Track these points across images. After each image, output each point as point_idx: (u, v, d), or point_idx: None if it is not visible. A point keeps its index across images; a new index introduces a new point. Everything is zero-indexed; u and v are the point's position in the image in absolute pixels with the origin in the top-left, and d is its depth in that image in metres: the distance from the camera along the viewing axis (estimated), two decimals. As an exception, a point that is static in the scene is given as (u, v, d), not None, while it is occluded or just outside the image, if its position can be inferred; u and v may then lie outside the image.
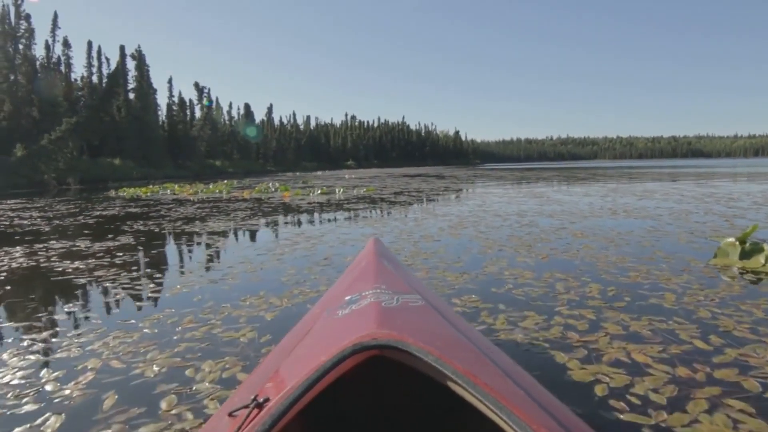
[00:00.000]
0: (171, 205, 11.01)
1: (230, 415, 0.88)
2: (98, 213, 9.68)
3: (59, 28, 43.92)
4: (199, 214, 8.73)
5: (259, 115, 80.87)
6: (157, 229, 6.78)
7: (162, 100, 59.54)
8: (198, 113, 64.28)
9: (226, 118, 72.74)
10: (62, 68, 43.65)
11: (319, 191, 13.80)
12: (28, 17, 40.75)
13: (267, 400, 0.83)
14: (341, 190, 14.47)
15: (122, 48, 48.29)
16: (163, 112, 58.30)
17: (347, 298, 1.29)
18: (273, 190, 15.76)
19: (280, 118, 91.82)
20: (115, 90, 38.25)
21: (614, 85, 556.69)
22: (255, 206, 10.30)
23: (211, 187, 18.27)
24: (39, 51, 42.45)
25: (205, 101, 54.44)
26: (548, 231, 5.59)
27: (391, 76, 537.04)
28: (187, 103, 62.64)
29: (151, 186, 21.32)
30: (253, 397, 0.84)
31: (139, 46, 50.82)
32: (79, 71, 52.34)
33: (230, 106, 74.98)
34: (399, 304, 1.17)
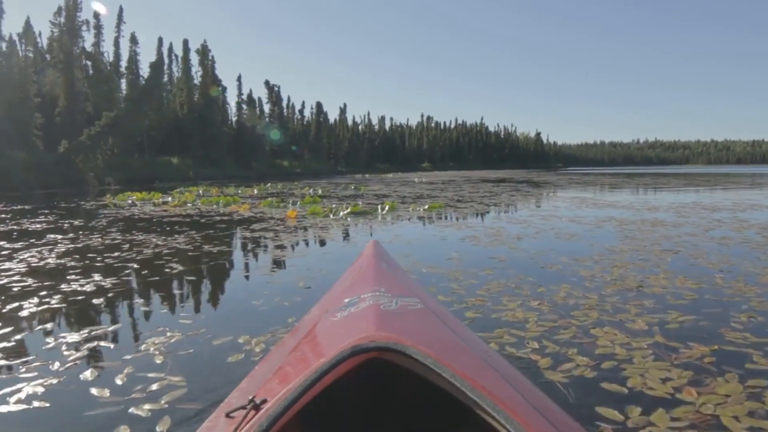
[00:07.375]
0: (54, 237, 6.29)
1: (227, 416, 0.84)
2: None
3: (124, 23, 42.51)
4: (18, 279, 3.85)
5: (333, 115, 77.38)
6: None
7: (232, 98, 57.14)
8: (267, 111, 61.93)
9: (298, 116, 70.04)
10: (126, 63, 42.23)
11: (348, 209, 8.62)
12: (96, 14, 39.66)
13: (264, 401, 0.81)
14: (388, 206, 9.21)
15: (185, 42, 46.18)
16: (232, 110, 56.31)
17: (346, 300, 1.28)
18: (291, 204, 10.84)
19: (353, 117, 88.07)
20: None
21: (704, 89, 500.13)
22: (190, 247, 5.33)
23: (218, 196, 13.73)
24: (108, 47, 41.23)
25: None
26: None
27: (469, 77, 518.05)
28: (257, 102, 60.38)
29: (178, 191, 17.30)
30: (250, 398, 0.82)
31: (205, 41, 48.50)
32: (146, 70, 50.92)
33: (302, 104, 71.96)
34: (398, 307, 1.16)
